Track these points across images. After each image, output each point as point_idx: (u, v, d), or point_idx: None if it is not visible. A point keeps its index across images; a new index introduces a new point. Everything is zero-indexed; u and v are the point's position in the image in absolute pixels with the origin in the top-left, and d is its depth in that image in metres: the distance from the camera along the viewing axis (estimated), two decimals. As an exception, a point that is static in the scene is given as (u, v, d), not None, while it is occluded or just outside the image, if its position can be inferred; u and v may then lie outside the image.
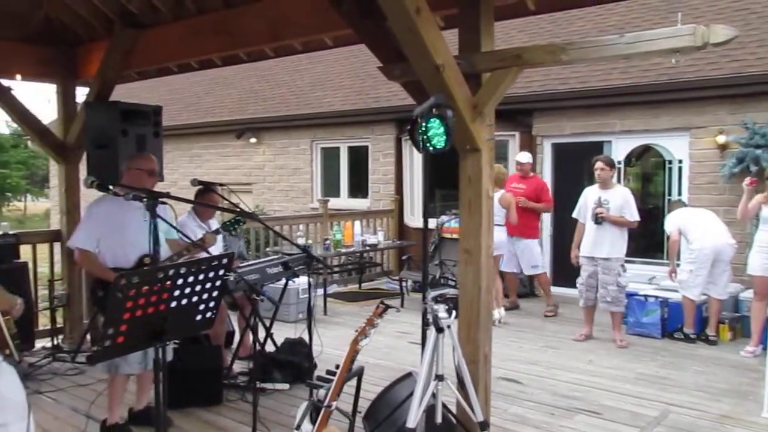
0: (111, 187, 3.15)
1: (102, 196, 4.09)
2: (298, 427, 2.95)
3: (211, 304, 2.78)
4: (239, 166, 13.58)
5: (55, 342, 6.29)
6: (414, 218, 10.69)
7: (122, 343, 2.50)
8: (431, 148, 3.39)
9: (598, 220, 6.51)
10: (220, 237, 5.01)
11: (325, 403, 2.94)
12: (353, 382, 3.65)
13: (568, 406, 4.87)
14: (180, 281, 2.56)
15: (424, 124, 3.36)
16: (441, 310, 2.97)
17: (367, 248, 9.16)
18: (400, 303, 8.14)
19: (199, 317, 2.77)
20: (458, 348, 3.16)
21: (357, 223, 9.61)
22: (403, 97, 10.62)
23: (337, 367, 3.30)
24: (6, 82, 6.08)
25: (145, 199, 2.91)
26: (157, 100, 10.67)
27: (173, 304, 2.59)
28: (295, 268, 5.65)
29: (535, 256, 8.03)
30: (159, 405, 2.72)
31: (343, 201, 11.87)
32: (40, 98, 16.99)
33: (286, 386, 5.19)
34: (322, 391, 3.02)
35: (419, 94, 4.08)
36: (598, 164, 6.63)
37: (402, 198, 10.93)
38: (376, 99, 11.22)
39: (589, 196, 6.71)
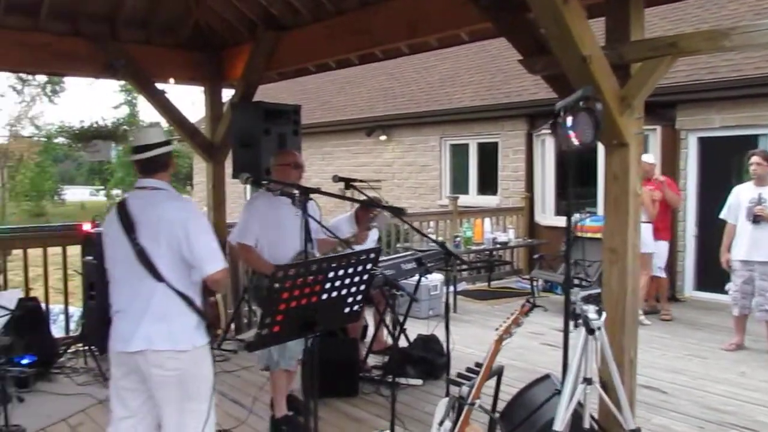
0: (264, 182, 3.27)
1: (258, 193, 4.26)
2: (441, 423, 2.95)
3: (359, 298, 2.84)
4: (369, 163, 13.82)
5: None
6: (545, 216, 10.41)
7: (277, 333, 2.61)
8: (576, 143, 3.26)
9: (757, 219, 5.98)
10: (374, 233, 5.07)
11: (468, 401, 2.92)
12: (489, 380, 3.60)
13: (719, 420, 4.53)
14: (331, 274, 2.63)
15: (570, 118, 3.24)
16: (591, 310, 2.86)
17: (498, 246, 9.02)
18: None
19: (347, 310, 2.84)
20: (608, 351, 3.02)
21: (487, 220, 9.50)
22: (535, 92, 10.43)
23: (477, 365, 3.26)
24: (161, 86, 6.51)
25: (296, 195, 3.00)
26: (291, 99, 11.06)
27: (324, 296, 2.67)
28: (429, 265, 5.66)
29: (663, 258, 7.58)
30: (310, 394, 2.80)
31: (472, 198, 11.77)
32: (184, 101, 18.12)
33: (420, 382, 5.22)
34: (464, 389, 2.99)
35: (561, 88, 3.94)
36: (754, 159, 6.12)
37: (532, 195, 10.68)
38: (506, 94, 11.04)
39: (743, 194, 6.20)
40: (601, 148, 5.20)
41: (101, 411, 4.74)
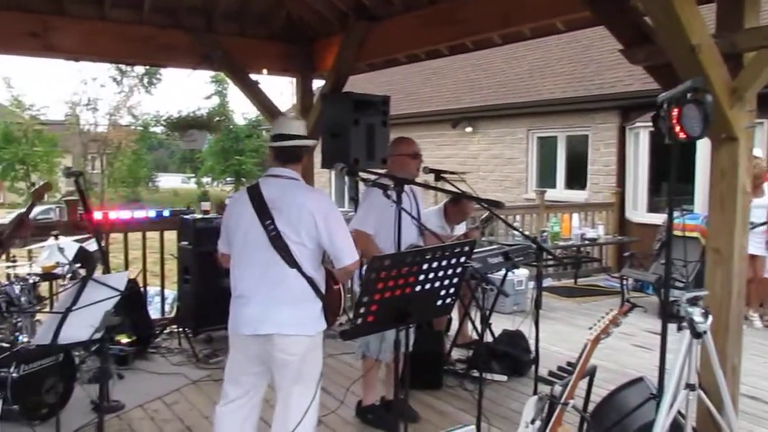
0: (360, 174, 3.29)
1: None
2: (533, 421, 2.89)
3: (452, 290, 2.81)
4: (454, 155, 13.72)
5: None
6: (637, 213, 10.04)
7: (371, 323, 2.62)
8: (682, 137, 3.10)
9: None
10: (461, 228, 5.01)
11: (562, 401, 2.84)
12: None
13: (829, 434, 4.26)
14: (425, 266, 2.62)
15: (675, 110, 3.08)
16: (696, 313, 2.72)
17: (586, 242, 8.77)
18: (620, 302, 7.69)
19: (439, 302, 2.82)
20: (714, 356, 2.87)
21: (575, 215, 9.25)
22: (629, 83, 10.05)
23: (569, 364, 3.17)
24: (254, 77, 6.66)
25: (389, 186, 3.00)
26: (377, 90, 11.05)
27: (417, 288, 2.66)
28: (516, 259, 5.56)
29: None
30: (400, 384, 2.80)
31: (559, 192, 11.49)
32: (272, 92, 18.53)
33: (504, 378, 5.15)
34: (557, 388, 2.92)
35: (666, 79, 3.76)
36: None
37: (624, 191, 10.31)
38: (599, 86, 10.69)
39: None
40: (699, 143, 4.95)
41: (195, 391, 4.93)
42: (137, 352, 5.51)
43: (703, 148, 8.14)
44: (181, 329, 6.02)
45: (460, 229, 5.45)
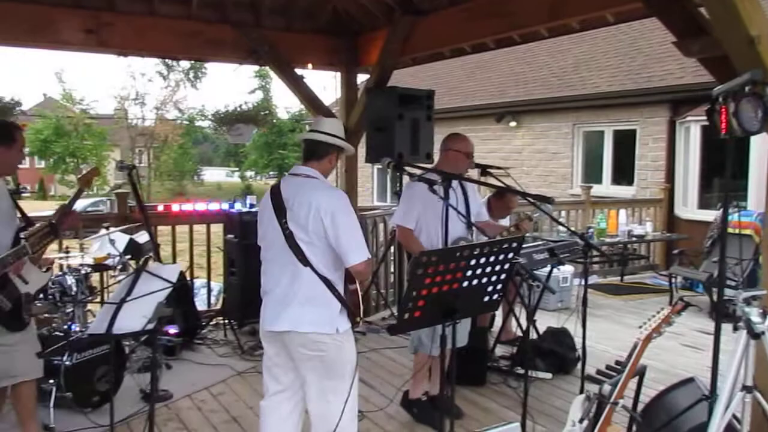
0: (406, 168, 3.28)
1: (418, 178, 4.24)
2: (581, 420, 2.84)
3: (499, 287, 2.78)
4: (497, 150, 13.59)
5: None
6: (687, 209, 9.79)
7: (418, 318, 2.61)
8: (739, 132, 3.00)
9: None
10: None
11: (612, 400, 2.79)
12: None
13: None
14: (473, 262, 2.59)
15: (732, 104, 2.98)
16: (754, 313, 2.64)
17: (633, 239, 8.60)
18: (669, 301, 7.53)
19: (486, 298, 2.80)
20: (772, 358, 2.78)
21: (622, 211, 9.07)
22: (680, 76, 9.80)
23: (617, 362, 3.11)
24: (298, 71, 6.69)
25: (437, 181, 2.98)
26: (420, 85, 11.02)
27: (465, 283, 2.63)
28: (562, 256, 5.49)
29: None
30: (447, 380, 2.79)
31: (605, 188, 11.28)
32: (315, 86, 18.61)
33: (549, 375, 5.08)
34: (606, 387, 2.86)
35: (721, 72, 3.64)
36: None
37: (673, 187, 10.07)
38: (647, 79, 10.45)
39: None
40: (753, 138, 4.81)
41: (240, 382, 5.00)
42: (184, 343, 5.61)
43: (759, 143, 7.92)
44: (226, 321, 6.11)
45: (504, 223, 5.40)
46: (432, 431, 4.04)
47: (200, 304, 6.70)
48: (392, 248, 6.95)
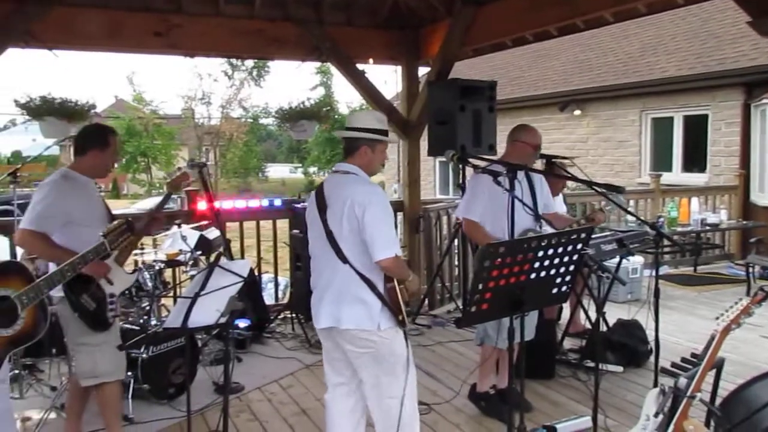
0: (470, 160, 3.26)
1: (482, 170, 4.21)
2: (656, 414, 2.77)
3: (567, 278, 2.74)
4: (561, 139, 13.32)
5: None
6: (764, 196, 9.38)
7: (485, 311, 2.60)
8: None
9: None
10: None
11: (689, 393, 2.71)
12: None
13: None
14: (541, 253, 2.56)
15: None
16: (840, 304, 2.52)
17: (707, 228, 8.30)
18: (746, 291, 7.24)
19: (554, 290, 2.76)
20: None
21: (694, 199, 8.76)
22: (754, 57, 9.38)
23: (693, 355, 3.01)
24: (360, 66, 6.72)
25: (503, 173, 2.95)
26: (481, 76, 10.93)
27: (533, 275, 2.61)
28: (631, 246, 5.35)
29: None
30: (516, 372, 2.77)
31: (675, 176, 10.92)
32: (377, 80, 18.66)
33: (620, 369, 4.97)
34: (682, 380, 2.78)
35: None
36: None
37: (749, 173, 9.66)
38: (719, 61, 10.05)
39: None
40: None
41: (308, 375, 5.09)
42: (254, 336, 5.75)
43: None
44: (294, 315, 6.22)
45: (559, 202, 5.27)
46: (500, 425, 4.02)
47: (268, 298, 6.83)
48: (456, 241, 6.92)
